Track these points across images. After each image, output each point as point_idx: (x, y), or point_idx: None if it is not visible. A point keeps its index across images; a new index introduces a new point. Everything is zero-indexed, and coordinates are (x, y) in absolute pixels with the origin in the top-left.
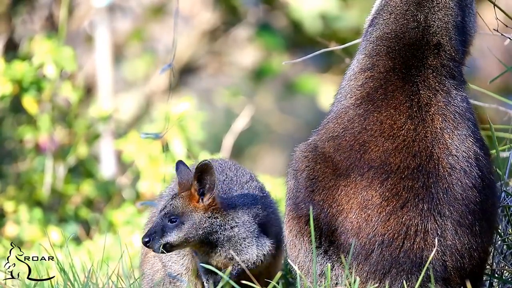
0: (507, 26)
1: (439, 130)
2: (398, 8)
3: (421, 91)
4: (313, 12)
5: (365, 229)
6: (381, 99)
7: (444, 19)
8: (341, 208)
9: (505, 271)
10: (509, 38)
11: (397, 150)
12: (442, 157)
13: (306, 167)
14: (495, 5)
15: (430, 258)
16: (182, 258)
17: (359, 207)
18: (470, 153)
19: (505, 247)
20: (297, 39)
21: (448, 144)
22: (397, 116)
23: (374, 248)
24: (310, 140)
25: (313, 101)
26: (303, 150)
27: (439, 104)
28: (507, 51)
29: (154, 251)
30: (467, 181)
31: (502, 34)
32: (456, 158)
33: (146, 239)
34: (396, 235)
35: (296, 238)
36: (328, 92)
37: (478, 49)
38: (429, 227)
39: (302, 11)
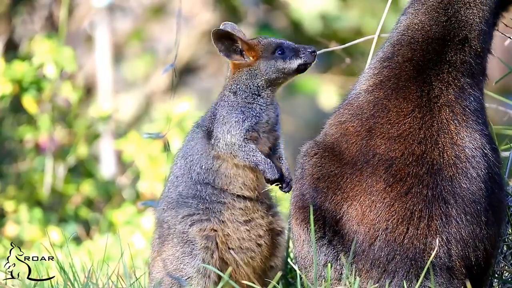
0: (507, 26)
1: (445, 121)
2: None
3: (433, 83)
4: (313, 12)
5: (369, 215)
6: (392, 88)
7: (478, 14)
8: (346, 196)
9: (505, 271)
10: (509, 37)
11: (402, 137)
12: (448, 146)
13: (315, 154)
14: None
15: (432, 256)
16: (194, 259)
17: (364, 194)
18: (477, 145)
19: (505, 247)
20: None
21: (454, 134)
22: (405, 104)
23: (378, 234)
24: (323, 130)
25: (313, 101)
26: (315, 140)
27: (449, 97)
28: (507, 51)
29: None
30: (472, 171)
31: (502, 34)
32: (461, 148)
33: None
34: (400, 220)
35: (301, 228)
36: (328, 92)
37: None
38: (434, 213)
39: (302, 11)
